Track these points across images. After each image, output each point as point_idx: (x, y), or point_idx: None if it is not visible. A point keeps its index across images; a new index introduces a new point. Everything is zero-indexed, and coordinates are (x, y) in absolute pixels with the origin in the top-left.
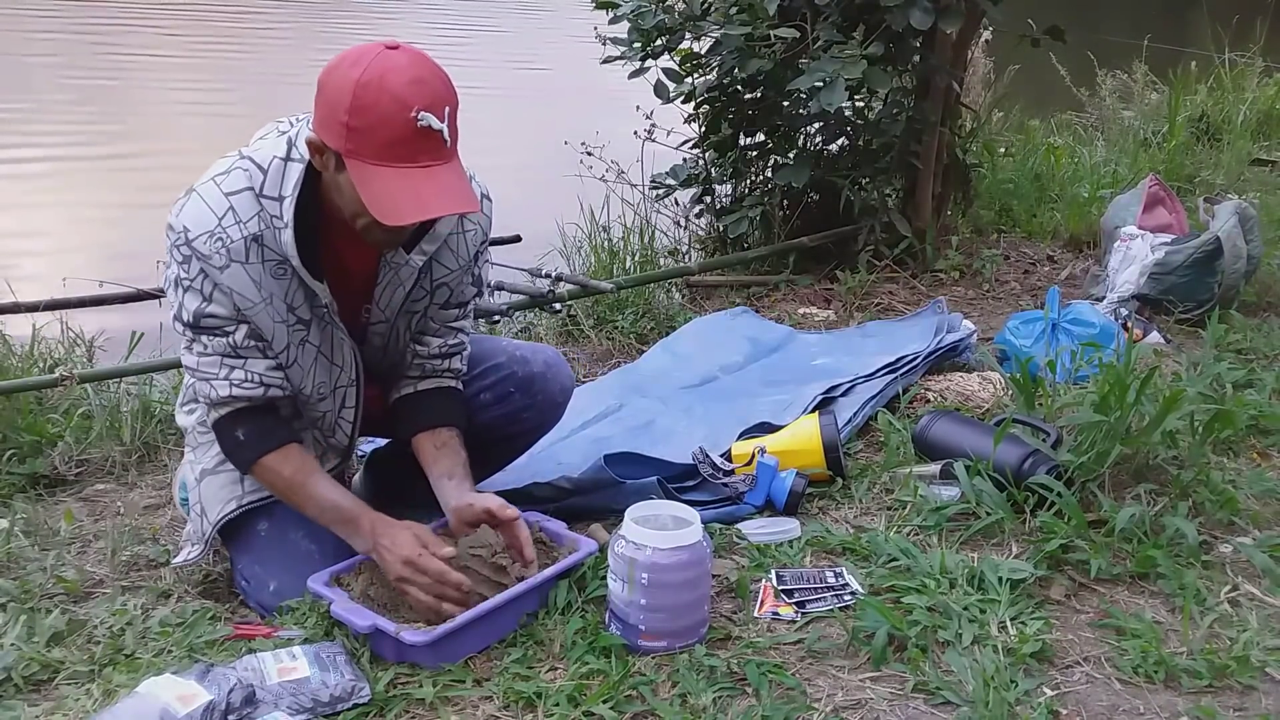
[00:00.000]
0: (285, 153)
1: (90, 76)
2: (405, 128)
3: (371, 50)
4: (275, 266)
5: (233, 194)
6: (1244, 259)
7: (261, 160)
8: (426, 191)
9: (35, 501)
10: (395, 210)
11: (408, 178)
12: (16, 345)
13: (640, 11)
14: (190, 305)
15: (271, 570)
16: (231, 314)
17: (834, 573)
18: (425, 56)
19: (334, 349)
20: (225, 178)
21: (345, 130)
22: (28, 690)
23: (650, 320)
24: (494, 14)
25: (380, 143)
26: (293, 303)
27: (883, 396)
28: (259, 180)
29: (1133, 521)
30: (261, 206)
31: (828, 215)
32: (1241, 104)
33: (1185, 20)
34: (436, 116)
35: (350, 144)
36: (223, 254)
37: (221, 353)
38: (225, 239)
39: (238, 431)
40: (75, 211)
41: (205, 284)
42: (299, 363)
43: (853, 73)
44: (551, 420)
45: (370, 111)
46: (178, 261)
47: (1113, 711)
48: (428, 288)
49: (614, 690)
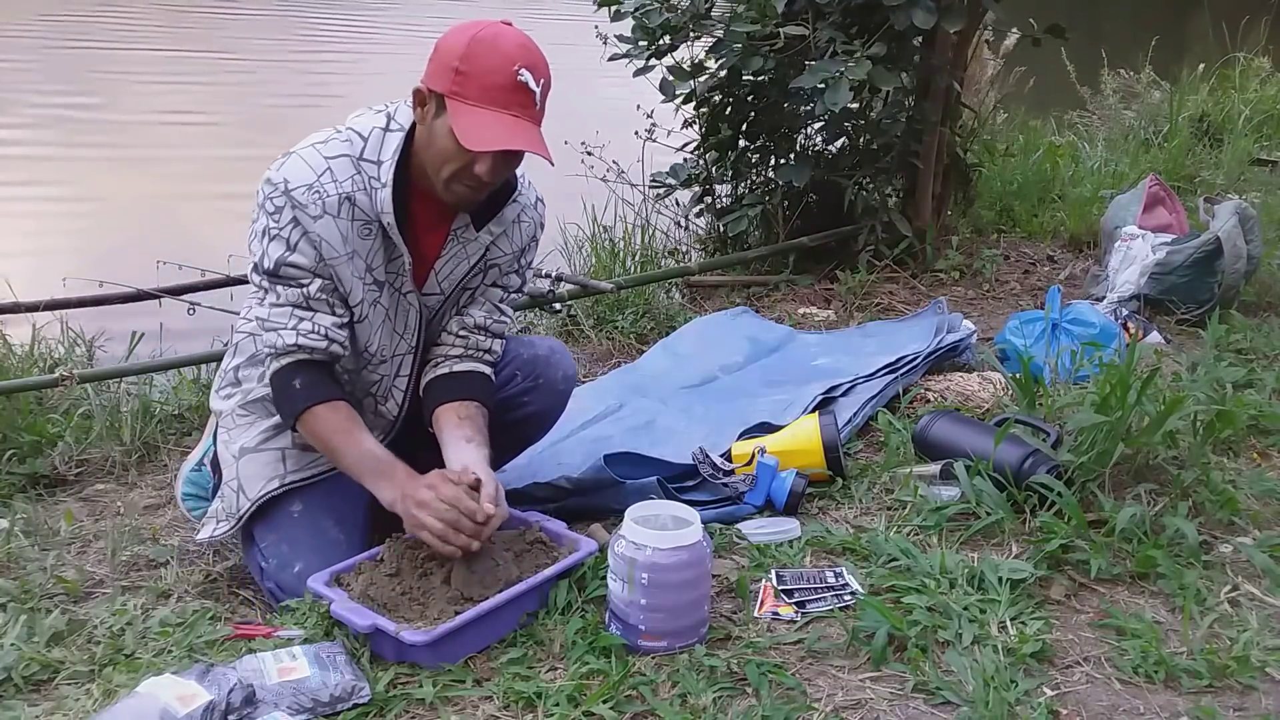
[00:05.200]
0: (385, 124)
1: (90, 77)
2: (507, 77)
3: (489, 21)
4: (363, 226)
5: (331, 158)
6: (1244, 259)
7: (363, 129)
8: (510, 132)
9: (35, 501)
10: (480, 139)
11: (499, 118)
12: (16, 345)
13: (646, 10)
14: (274, 253)
15: (300, 552)
16: (312, 265)
17: (834, 573)
18: (533, 40)
19: (399, 315)
20: (324, 144)
21: (454, 74)
22: (28, 690)
23: (650, 320)
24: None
25: (483, 86)
26: (372, 263)
27: (883, 396)
28: (359, 147)
29: (1133, 521)
30: (358, 170)
31: (828, 215)
32: (1243, 104)
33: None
34: (534, 79)
35: (456, 85)
36: (318, 205)
37: (294, 303)
38: (322, 192)
39: (295, 380)
40: (75, 212)
41: (294, 232)
42: (369, 319)
43: (857, 73)
44: (554, 407)
45: (480, 60)
46: (268, 213)
47: (1113, 711)
48: (483, 265)
49: (614, 690)
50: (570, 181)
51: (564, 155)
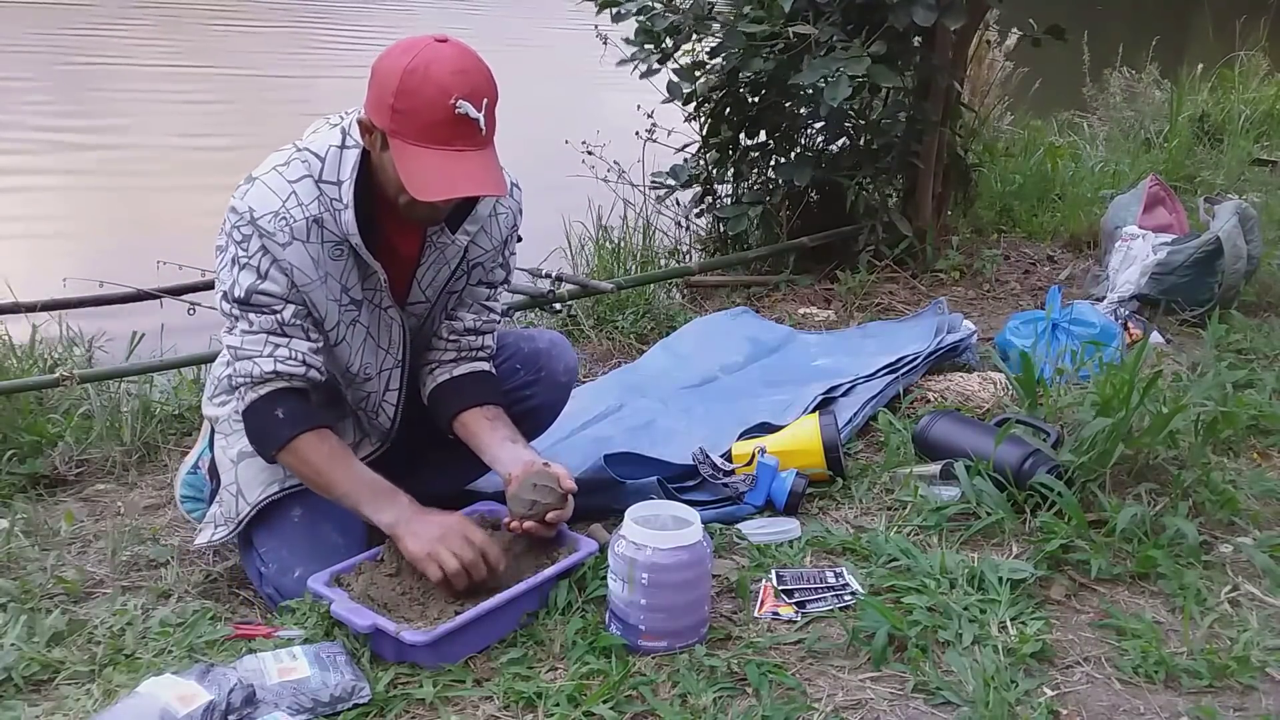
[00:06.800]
0: (340, 141)
1: (88, 76)
2: (444, 113)
3: (421, 41)
4: (333, 248)
5: (294, 181)
6: (1244, 259)
7: (319, 149)
8: (457, 173)
9: (35, 501)
10: (426, 186)
11: (442, 159)
12: (16, 345)
13: (650, 14)
14: (244, 281)
15: (300, 557)
16: (284, 292)
17: (834, 573)
18: (471, 51)
19: (382, 331)
20: (286, 168)
21: (391, 112)
22: (28, 690)
23: (650, 320)
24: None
25: (421, 125)
26: (346, 283)
27: (883, 397)
28: (318, 168)
29: (1133, 522)
30: (321, 191)
31: (828, 215)
32: (1243, 104)
33: (1188, 20)
34: (475, 106)
35: (395, 124)
36: (286, 231)
37: (268, 330)
38: (289, 219)
39: (276, 410)
40: (76, 212)
41: (263, 260)
42: (348, 341)
43: (857, 69)
44: (557, 401)
45: (414, 96)
46: (236, 241)
47: (1113, 712)
48: (465, 268)
49: (614, 690)
50: (573, 182)
51: (565, 155)
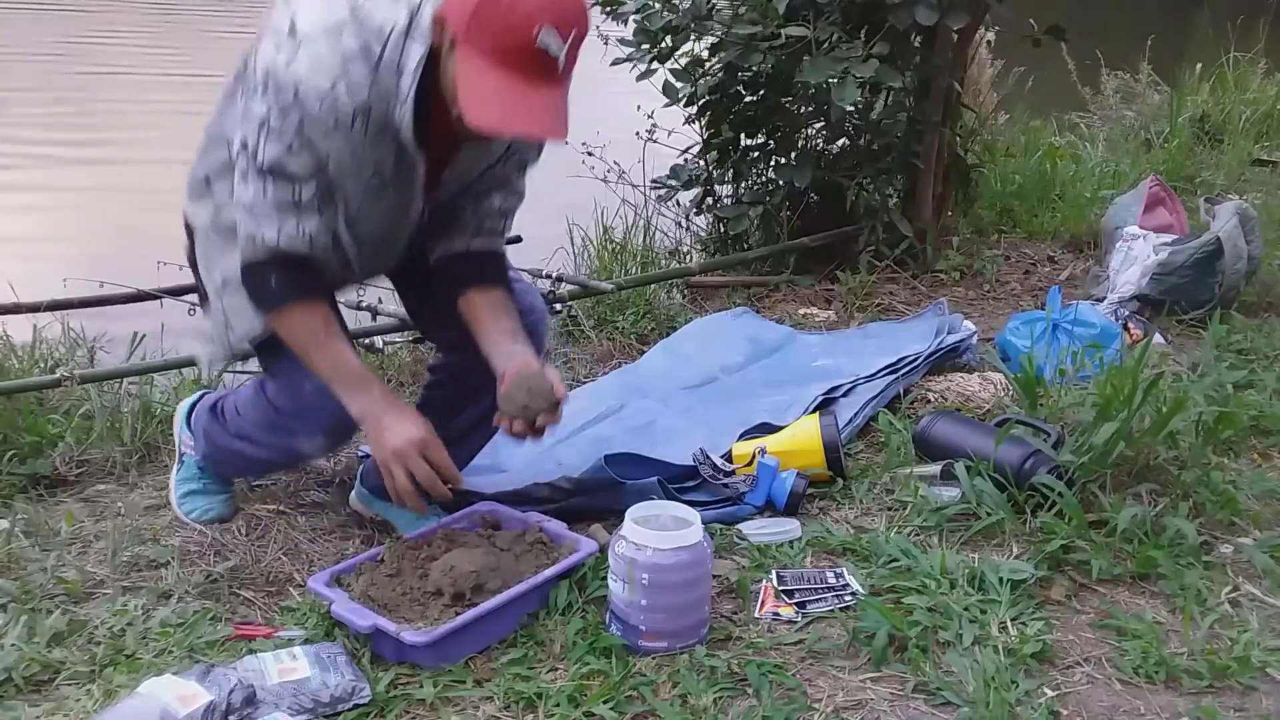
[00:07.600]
0: (406, 26)
1: (86, 77)
2: (524, 38)
3: None
4: (377, 136)
5: (349, 59)
6: (1245, 259)
7: (381, 26)
8: (519, 107)
9: (36, 502)
10: (483, 114)
11: (509, 87)
12: (17, 346)
13: (648, 13)
14: (271, 152)
15: (307, 372)
16: (309, 172)
17: (834, 573)
18: None
19: (400, 207)
20: (338, 37)
21: (469, 16)
22: (28, 690)
23: (651, 321)
24: None
25: (495, 43)
26: (380, 167)
27: (883, 397)
28: (376, 51)
29: (1134, 522)
30: (376, 79)
31: (828, 215)
32: (1243, 104)
33: (1188, 20)
34: (560, 38)
35: (468, 31)
36: (330, 118)
37: (281, 202)
38: (336, 104)
39: (270, 277)
40: (76, 213)
41: (297, 138)
42: (366, 212)
43: (864, 71)
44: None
45: (499, 8)
46: (277, 107)
47: (1113, 712)
48: (505, 155)
49: (614, 691)
50: (574, 183)
51: (565, 155)
